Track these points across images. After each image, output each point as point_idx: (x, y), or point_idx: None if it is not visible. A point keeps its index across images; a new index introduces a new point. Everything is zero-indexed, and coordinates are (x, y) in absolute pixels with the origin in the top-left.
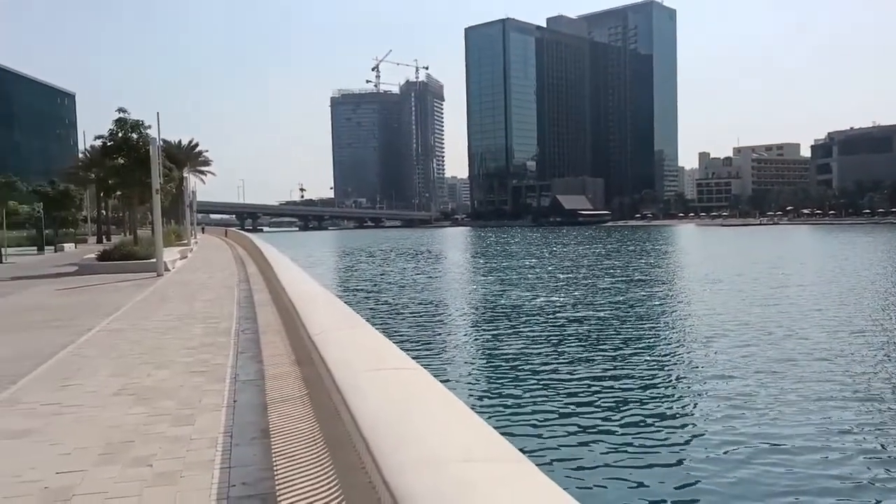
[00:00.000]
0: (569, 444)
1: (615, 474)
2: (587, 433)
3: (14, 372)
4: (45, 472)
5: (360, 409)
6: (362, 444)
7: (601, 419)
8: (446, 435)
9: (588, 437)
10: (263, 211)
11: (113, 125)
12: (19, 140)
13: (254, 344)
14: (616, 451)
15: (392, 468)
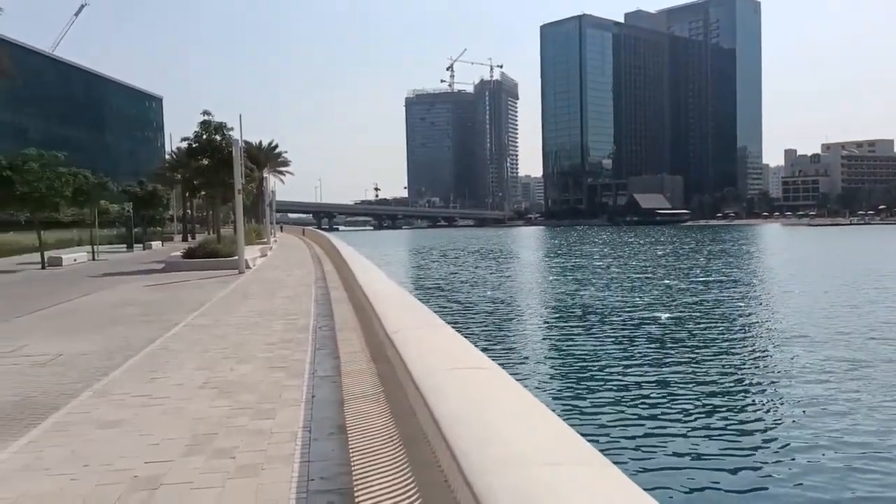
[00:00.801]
0: (644, 447)
1: (692, 479)
2: (662, 436)
3: (106, 364)
4: (134, 461)
5: (439, 408)
6: (442, 442)
7: (677, 422)
8: (527, 436)
9: (664, 441)
10: (339, 210)
11: (198, 127)
12: (110, 142)
13: (331, 341)
14: (694, 455)
15: (474, 468)
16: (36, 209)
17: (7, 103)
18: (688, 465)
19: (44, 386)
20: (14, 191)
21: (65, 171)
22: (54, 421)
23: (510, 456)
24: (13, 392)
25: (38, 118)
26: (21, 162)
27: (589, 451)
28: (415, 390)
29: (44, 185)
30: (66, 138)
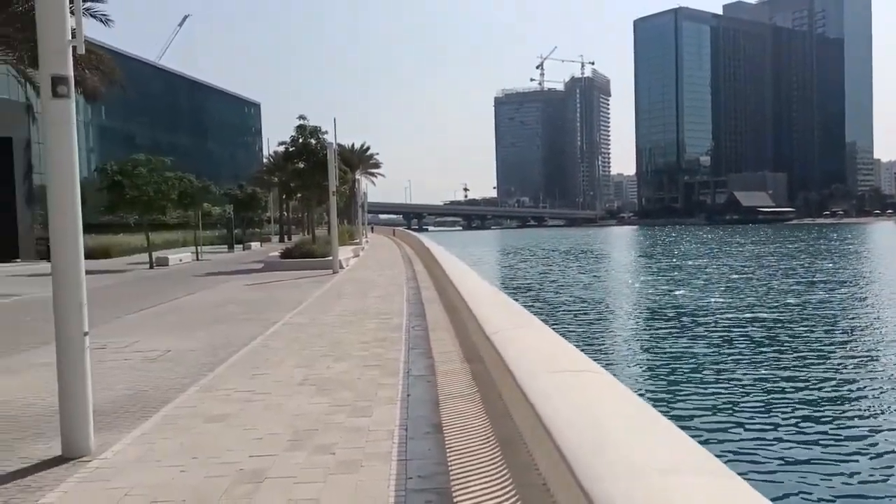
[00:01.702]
0: (746, 454)
1: (802, 486)
2: (764, 442)
3: (211, 360)
4: (239, 455)
5: (546, 411)
6: (548, 446)
7: (781, 427)
8: (641, 442)
9: (767, 447)
10: (428, 211)
11: (294, 131)
12: (212, 147)
13: (423, 340)
14: (801, 461)
15: (588, 475)
16: (144, 212)
17: (118, 112)
18: (796, 471)
19: (154, 380)
20: (125, 194)
21: (171, 176)
22: (164, 414)
23: (625, 462)
24: (126, 386)
25: (145, 125)
26: (131, 167)
27: (709, 459)
28: (517, 392)
29: (152, 188)
30: (171, 144)
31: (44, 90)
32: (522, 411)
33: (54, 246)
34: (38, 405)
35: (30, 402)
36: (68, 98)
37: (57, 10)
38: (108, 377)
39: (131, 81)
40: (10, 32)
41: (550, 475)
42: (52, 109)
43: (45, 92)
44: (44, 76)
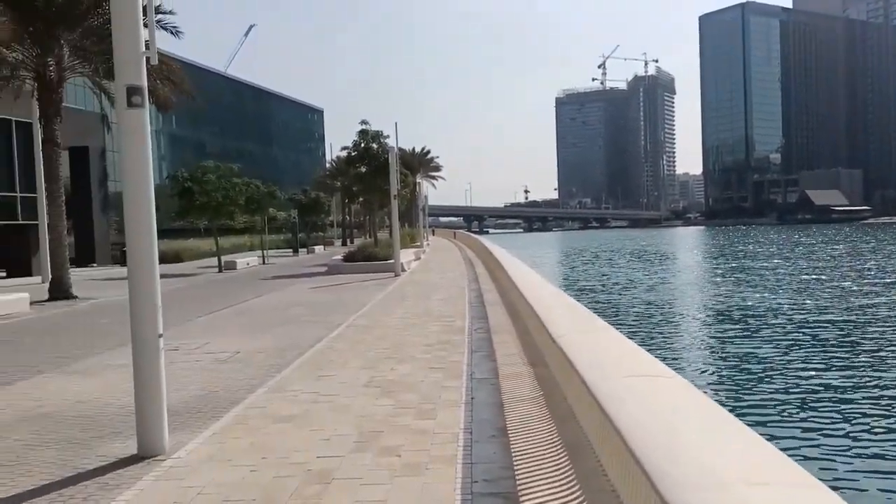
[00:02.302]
0: (833, 462)
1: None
2: (849, 449)
3: (279, 362)
4: (307, 455)
5: (620, 417)
6: (623, 453)
7: (862, 432)
8: (722, 451)
9: (852, 455)
10: (489, 213)
11: (356, 136)
12: (277, 153)
13: (486, 343)
14: (891, 473)
15: (667, 485)
16: (214, 217)
17: (188, 120)
18: (879, 478)
19: (224, 381)
20: (195, 200)
21: (238, 182)
22: (234, 414)
23: (707, 473)
24: (198, 386)
25: (214, 133)
26: (201, 174)
27: (798, 471)
28: (585, 396)
29: (220, 194)
30: (239, 150)
31: (119, 100)
32: (591, 416)
33: (130, 251)
34: (114, 405)
35: (107, 402)
36: (142, 108)
37: (131, 23)
38: (180, 378)
39: (200, 91)
40: (87, 45)
41: (621, 482)
42: (127, 119)
43: (120, 102)
44: (119, 87)
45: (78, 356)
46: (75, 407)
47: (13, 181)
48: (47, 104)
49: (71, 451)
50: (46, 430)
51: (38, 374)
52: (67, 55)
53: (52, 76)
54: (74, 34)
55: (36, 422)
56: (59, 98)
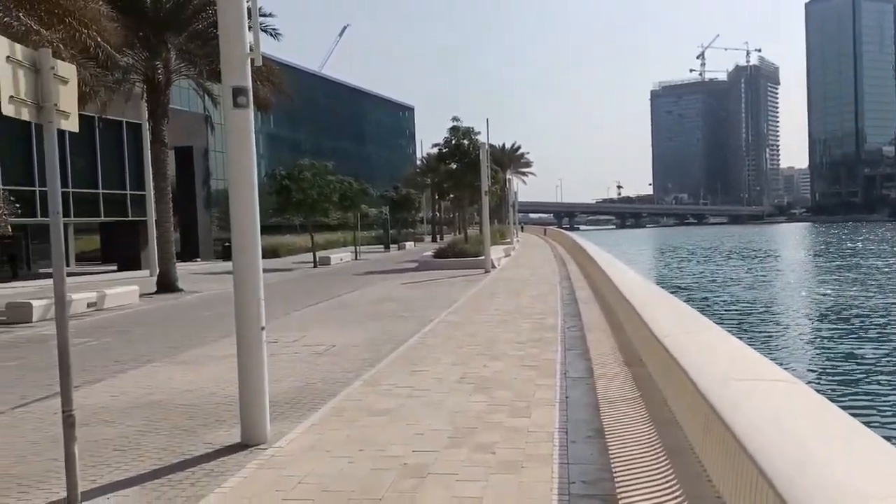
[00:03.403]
0: None
1: None
2: None
3: (373, 356)
4: (403, 449)
5: (736, 422)
6: (745, 461)
7: None
8: (855, 463)
9: None
10: (580, 209)
11: (447, 133)
12: (370, 151)
13: (580, 341)
14: None
15: (798, 497)
16: (309, 213)
17: (285, 120)
18: None
19: (321, 374)
20: (291, 197)
21: (333, 179)
22: (332, 406)
23: (838, 485)
24: (297, 378)
25: (309, 132)
26: (297, 172)
27: None
28: (691, 398)
29: (315, 191)
30: (332, 148)
31: (225, 101)
32: (696, 419)
33: (236, 246)
34: (218, 395)
35: (211, 391)
36: (247, 108)
37: (237, 26)
38: (279, 370)
39: (296, 91)
40: (192, 49)
41: (729, 488)
42: (233, 119)
43: (226, 103)
44: (225, 88)
45: (184, 347)
46: (183, 395)
47: (124, 179)
48: (155, 106)
49: (179, 438)
50: (156, 416)
51: (148, 364)
52: (174, 58)
53: (160, 79)
54: (180, 38)
55: (147, 409)
56: (166, 100)
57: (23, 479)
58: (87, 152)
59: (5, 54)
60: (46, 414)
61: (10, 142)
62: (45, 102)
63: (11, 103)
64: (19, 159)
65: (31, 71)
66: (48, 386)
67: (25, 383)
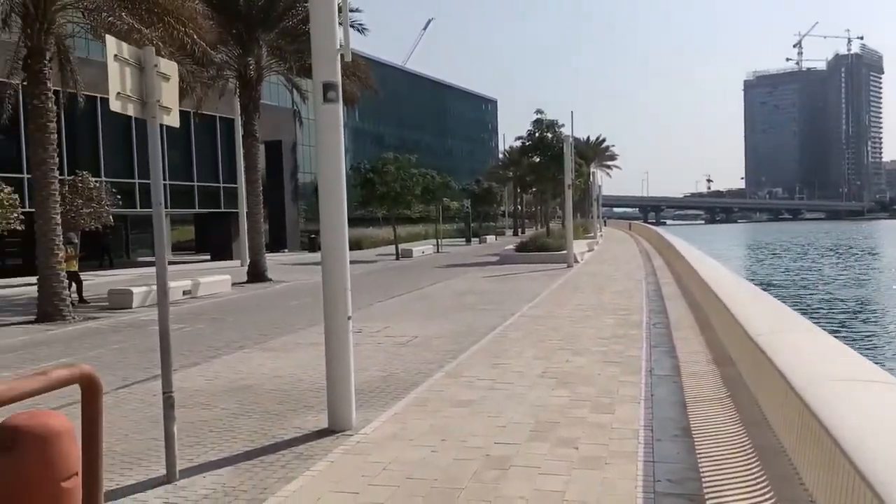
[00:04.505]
0: None
1: None
2: None
3: (455, 348)
4: (485, 441)
5: (833, 422)
6: (847, 465)
7: None
8: None
9: None
10: (667, 203)
11: (531, 126)
12: (452, 145)
13: (666, 339)
14: None
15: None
16: (392, 206)
17: (370, 114)
18: None
19: (404, 364)
20: (375, 190)
21: (415, 172)
22: (414, 396)
23: None
24: (380, 368)
25: (392, 125)
26: (381, 165)
27: None
28: (784, 399)
29: (399, 185)
30: (415, 142)
31: (316, 96)
32: (790, 420)
33: (324, 237)
34: (305, 381)
35: (299, 377)
36: (337, 103)
37: (328, 23)
38: (363, 359)
39: (380, 85)
40: (282, 45)
41: (825, 492)
42: (323, 114)
43: (317, 98)
44: (316, 83)
45: (273, 334)
46: (272, 381)
47: (217, 173)
48: (247, 101)
49: (269, 422)
50: (248, 400)
51: (239, 350)
52: (265, 55)
53: (252, 75)
54: (271, 35)
55: (239, 393)
56: (257, 95)
57: (126, 456)
58: (183, 146)
59: (113, 53)
60: (147, 395)
61: (111, 137)
62: (149, 98)
63: (118, 99)
64: (120, 154)
65: (137, 68)
66: (147, 369)
67: (127, 366)
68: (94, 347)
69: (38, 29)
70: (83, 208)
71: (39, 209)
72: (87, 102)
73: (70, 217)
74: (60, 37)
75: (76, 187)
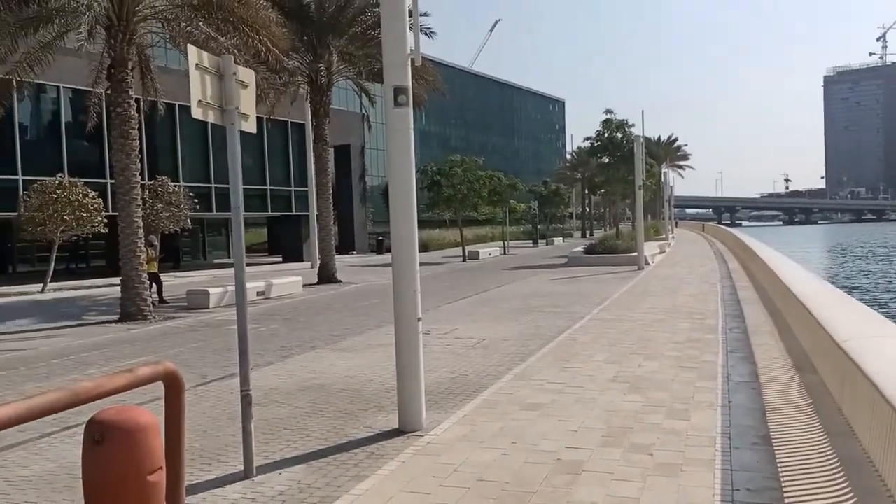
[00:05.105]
0: None
1: None
2: None
3: (523, 350)
4: (556, 445)
5: None
6: None
7: None
8: None
9: None
10: (742, 204)
11: (600, 126)
12: (518, 146)
13: (743, 344)
14: None
15: None
16: (459, 208)
17: (435, 116)
18: None
19: (472, 366)
20: (442, 193)
21: (482, 174)
22: (483, 398)
23: None
24: (449, 369)
25: (459, 127)
26: (448, 167)
27: None
28: (878, 408)
29: (465, 187)
30: (482, 143)
31: (387, 101)
32: (877, 430)
33: (395, 239)
34: (376, 381)
35: (369, 378)
36: (407, 106)
37: (399, 28)
38: (432, 360)
39: (449, 88)
40: (352, 51)
41: None
42: (393, 117)
43: (388, 102)
44: (387, 88)
45: (344, 335)
46: (344, 380)
47: (289, 176)
48: (318, 106)
49: (341, 421)
50: (321, 400)
51: (312, 350)
52: (336, 60)
53: (323, 80)
54: (342, 41)
55: (312, 392)
56: (327, 100)
57: (204, 452)
58: (256, 152)
59: (195, 62)
60: (224, 393)
61: (189, 143)
62: (228, 105)
63: (199, 107)
64: (197, 159)
65: (216, 76)
66: (224, 367)
67: (205, 364)
68: (173, 346)
69: (121, 40)
70: (163, 212)
71: (122, 213)
72: (167, 109)
73: (150, 220)
74: (141, 47)
75: (156, 192)
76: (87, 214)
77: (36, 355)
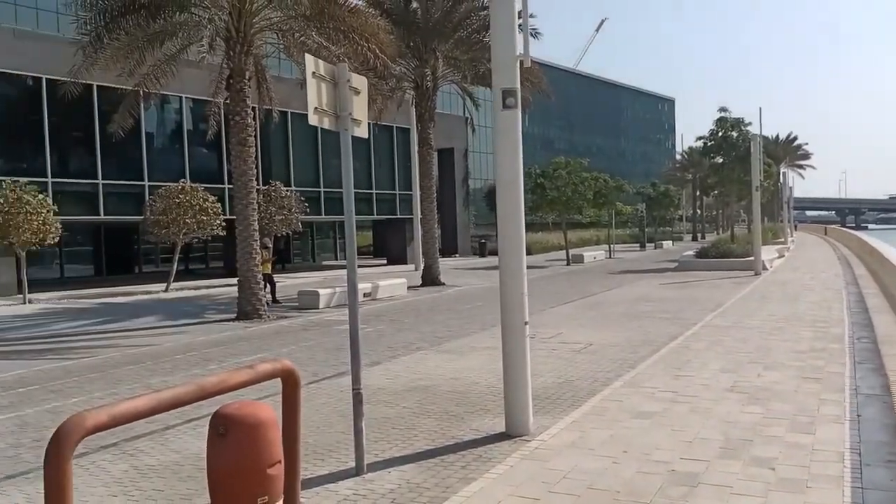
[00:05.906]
0: None
1: None
2: None
3: (632, 356)
4: (669, 455)
5: None
6: None
7: None
8: None
9: None
10: (868, 206)
11: (713, 125)
12: (625, 146)
13: (873, 354)
14: None
15: None
16: (563, 211)
17: (539, 118)
18: None
19: (580, 371)
20: (546, 195)
21: (587, 176)
22: (593, 405)
23: None
24: (555, 374)
25: (563, 128)
26: (552, 170)
27: None
28: None
29: (570, 189)
30: (586, 145)
31: (495, 103)
32: None
33: (502, 242)
34: (481, 384)
35: (475, 380)
36: (516, 108)
37: (508, 30)
38: (538, 364)
39: (553, 89)
40: (457, 55)
41: None
42: (501, 120)
43: (496, 104)
44: (496, 90)
45: (448, 337)
46: (449, 382)
47: (394, 180)
48: (423, 110)
49: (448, 422)
50: (427, 401)
51: (417, 351)
52: (441, 65)
53: (428, 85)
54: (447, 45)
55: (418, 392)
56: (432, 104)
57: (317, 448)
58: (363, 156)
59: (311, 70)
60: (334, 391)
61: (300, 149)
62: (342, 112)
63: (316, 114)
64: (307, 164)
65: (331, 84)
66: (334, 366)
67: (316, 362)
68: (286, 344)
69: (239, 51)
70: (276, 215)
71: (240, 217)
72: (280, 117)
73: (264, 224)
74: (258, 57)
75: (270, 196)
76: (207, 218)
77: (160, 351)
